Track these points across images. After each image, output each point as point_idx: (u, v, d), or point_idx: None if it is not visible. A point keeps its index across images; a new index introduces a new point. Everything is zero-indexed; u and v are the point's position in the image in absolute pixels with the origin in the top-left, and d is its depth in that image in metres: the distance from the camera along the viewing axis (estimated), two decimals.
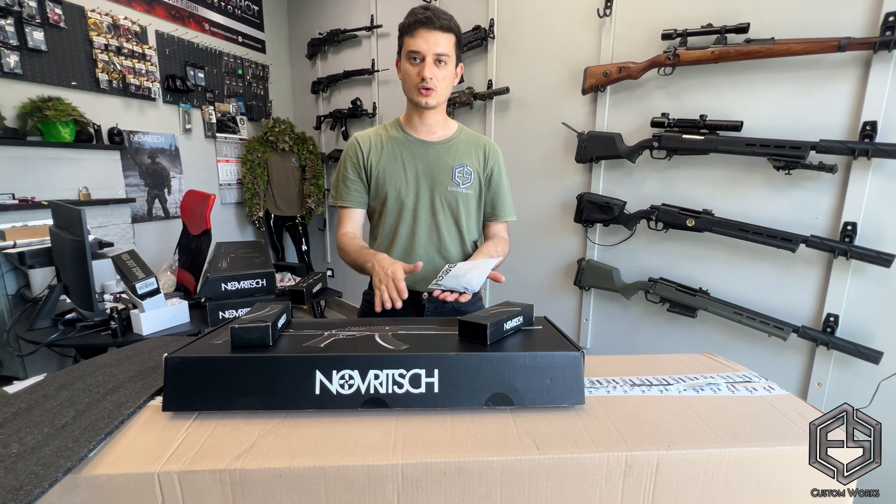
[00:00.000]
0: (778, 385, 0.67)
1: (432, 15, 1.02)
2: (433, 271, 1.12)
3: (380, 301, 0.90)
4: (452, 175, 1.16)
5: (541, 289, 2.34)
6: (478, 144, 1.21)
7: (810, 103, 1.49)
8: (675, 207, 1.77)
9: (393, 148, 1.16)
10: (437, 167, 1.15)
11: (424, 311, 1.19)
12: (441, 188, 1.15)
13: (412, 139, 1.16)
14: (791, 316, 1.58)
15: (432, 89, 1.07)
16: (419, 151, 1.16)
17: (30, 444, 0.49)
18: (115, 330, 1.46)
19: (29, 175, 2.40)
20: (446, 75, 1.08)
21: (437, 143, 1.17)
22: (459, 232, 1.19)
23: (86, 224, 1.39)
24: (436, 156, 1.16)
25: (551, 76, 2.15)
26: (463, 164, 1.17)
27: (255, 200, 3.54)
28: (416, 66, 1.06)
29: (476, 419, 0.56)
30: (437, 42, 1.03)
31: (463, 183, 1.17)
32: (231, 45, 3.59)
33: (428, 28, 1.03)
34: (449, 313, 1.20)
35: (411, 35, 1.05)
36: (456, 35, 1.07)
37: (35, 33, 2.38)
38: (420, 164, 1.15)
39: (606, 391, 0.64)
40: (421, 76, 1.05)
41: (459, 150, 1.18)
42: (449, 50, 1.06)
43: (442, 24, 1.03)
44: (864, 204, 1.41)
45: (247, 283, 1.61)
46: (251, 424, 0.54)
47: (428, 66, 1.05)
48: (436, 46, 1.03)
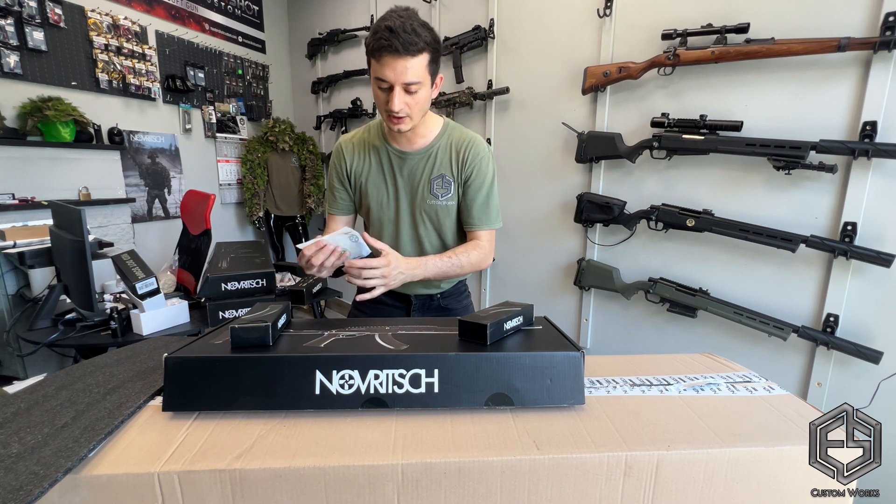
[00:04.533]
0: (778, 385, 0.67)
1: (397, 42, 0.89)
2: (416, 280, 1.10)
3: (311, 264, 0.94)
4: (431, 187, 1.11)
5: (541, 289, 2.34)
6: (459, 147, 1.10)
7: (810, 103, 1.49)
8: (675, 207, 1.77)
9: (374, 158, 1.13)
10: (415, 179, 1.11)
11: (411, 309, 1.21)
12: (420, 201, 1.11)
13: (391, 150, 1.11)
14: (791, 316, 1.58)
15: (405, 117, 0.98)
16: (398, 163, 1.11)
17: (30, 444, 0.49)
18: (115, 330, 1.46)
19: (29, 175, 2.40)
20: (419, 99, 0.98)
21: (416, 153, 1.10)
22: (442, 242, 1.16)
23: (86, 224, 1.39)
24: (414, 167, 1.11)
25: (551, 76, 2.15)
26: (441, 175, 1.11)
27: (255, 200, 3.54)
28: (385, 93, 0.97)
29: (476, 419, 0.56)
30: (406, 70, 0.92)
31: (443, 195, 1.11)
32: (231, 45, 3.59)
33: (394, 56, 0.91)
34: (434, 311, 1.22)
35: (377, 60, 0.93)
36: (430, 52, 0.95)
37: (35, 33, 2.38)
38: (399, 177, 1.12)
39: (606, 391, 0.64)
40: (390, 107, 0.96)
41: (438, 158, 1.10)
42: (420, 75, 0.94)
43: (409, 49, 0.90)
44: (864, 204, 1.41)
45: (247, 283, 1.61)
46: (251, 424, 0.54)
47: (397, 96, 0.94)
48: (404, 76, 0.92)
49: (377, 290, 0.97)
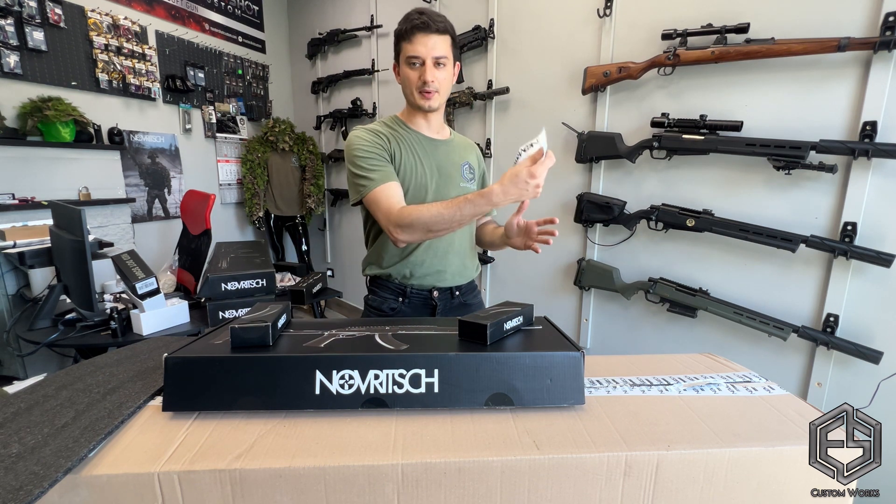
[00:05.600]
0: (778, 385, 0.67)
1: (428, 19, 1.04)
2: (444, 267, 1.17)
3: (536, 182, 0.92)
4: (462, 172, 1.20)
5: (541, 289, 2.34)
6: (470, 146, 1.28)
7: (810, 103, 1.49)
8: (675, 207, 1.77)
9: (404, 143, 1.15)
10: (449, 164, 1.18)
11: (436, 311, 1.20)
12: (454, 184, 1.18)
13: (421, 136, 1.17)
14: (791, 316, 1.58)
15: (434, 92, 1.09)
16: (430, 148, 1.17)
17: (30, 444, 0.49)
18: (115, 330, 1.46)
19: (29, 175, 2.40)
20: (446, 76, 1.11)
21: (444, 141, 1.21)
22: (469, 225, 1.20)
23: (86, 224, 1.39)
24: (445, 153, 1.19)
25: (551, 76, 2.15)
26: (467, 162, 1.23)
27: (255, 200, 3.54)
28: (417, 69, 1.08)
29: (476, 419, 0.56)
30: (435, 45, 1.05)
31: (470, 180, 1.22)
32: (231, 45, 3.59)
33: (425, 32, 1.04)
34: (457, 309, 1.23)
35: (409, 41, 1.06)
36: (452, 36, 1.09)
37: (35, 33, 2.38)
38: (433, 161, 1.16)
39: (606, 391, 0.64)
40: (423, 80, 1.07)
41: (461, 148, 1.24)
42: (447, 52, 1.08)
43: (438, 27, 1.05)
44: (864, 204, 1.41)
45: (247, 283, 1.61)
46: (251, 424, 0.54)
47: (429, 70, 1.07)
48: (434, 50, 1.05)
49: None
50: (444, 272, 1.18)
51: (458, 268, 1.21)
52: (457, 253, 1.20)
